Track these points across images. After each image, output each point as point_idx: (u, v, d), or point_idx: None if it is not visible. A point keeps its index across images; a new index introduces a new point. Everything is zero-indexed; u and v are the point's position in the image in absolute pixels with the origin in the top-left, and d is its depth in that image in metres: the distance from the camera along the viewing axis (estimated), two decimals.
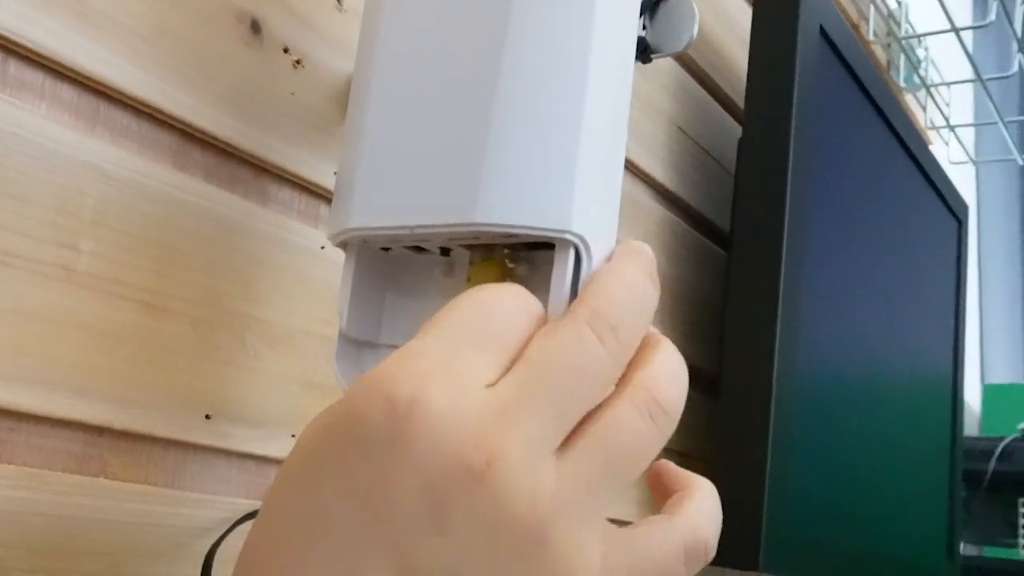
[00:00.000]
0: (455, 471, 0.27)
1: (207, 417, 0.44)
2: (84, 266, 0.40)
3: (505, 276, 0.37)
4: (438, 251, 0.39)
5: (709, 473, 0.76)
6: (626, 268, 0.33)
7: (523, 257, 0.38)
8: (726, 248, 0.87)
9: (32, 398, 0.38)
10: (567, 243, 0.33)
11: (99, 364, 0.40)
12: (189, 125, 0.45)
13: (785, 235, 0.75)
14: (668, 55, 0.43)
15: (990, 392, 2.12)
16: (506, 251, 0.37)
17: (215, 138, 0.46)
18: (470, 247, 0.38)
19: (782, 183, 0.76)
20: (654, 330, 0.33)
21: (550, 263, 0.37)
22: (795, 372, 0.74)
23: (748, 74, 0.82)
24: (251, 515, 0.45)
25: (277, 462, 0.47)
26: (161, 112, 0.43)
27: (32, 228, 0.39)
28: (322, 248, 0.50)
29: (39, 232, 0.39)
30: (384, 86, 0.37)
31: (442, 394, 0.27)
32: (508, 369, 0.29)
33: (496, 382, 0.29)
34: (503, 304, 0.31)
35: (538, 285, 0.38)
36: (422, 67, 0.37)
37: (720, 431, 0.73)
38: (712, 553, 0.32)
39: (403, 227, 0.36)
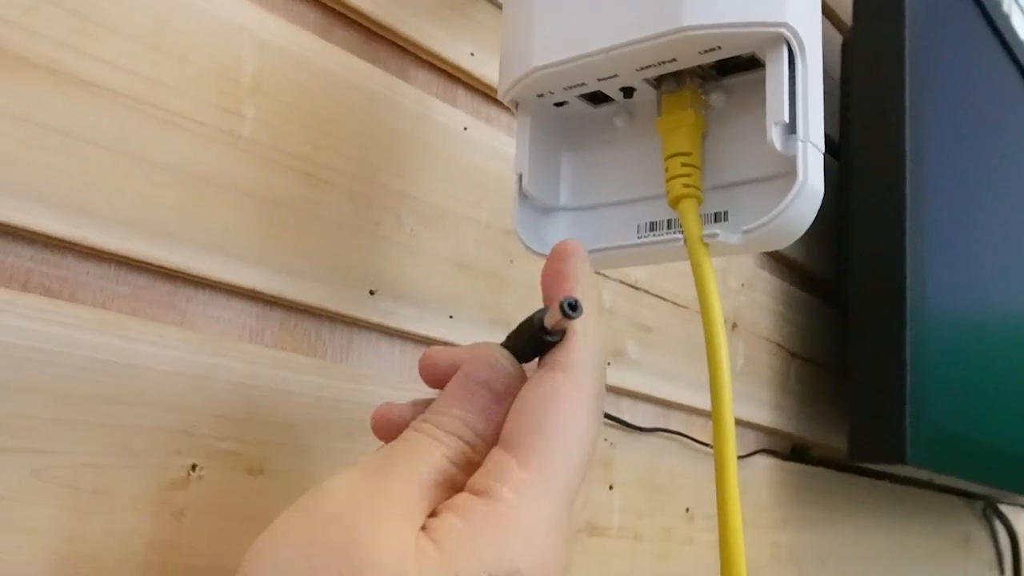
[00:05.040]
0: None
1: (371, 293, 0.42)
2: (248, 132, 0.39)
3: (698, 105, 0.35)
4: (620, 93, 0.37)
5: (843, 380, 0.73)
6: None
7: (716, 87, 0.36)
8: (834, 154, 0.84)
9: (210, 263, 0.37)
10: (780, 40, 0.31)
11: (266, 233, 0.39)
12: None
13: (907, 141, 0.72)
14: None
15: None
16: (698, 80, 0.35)
17: (356, 11, 0.44)
18: (658, 80, 0.36)
19: (900, 88, 0.73)
20: None
21: (748, 88, 0.35)
22: (924, 282, 0.72)
23: None
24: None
25: (437, 343, 0.46)
26: None
27: (196, 90, 0.37)
28: (465, 129, 0.49)
29: (203, 95, 0.37)
30: None
31: None
32: None
33: None
34: None
35: (737, 113, 0.36)
36: None
37: (856, 343, 0.71)
38: None
39: (597, 52, 0.34)
